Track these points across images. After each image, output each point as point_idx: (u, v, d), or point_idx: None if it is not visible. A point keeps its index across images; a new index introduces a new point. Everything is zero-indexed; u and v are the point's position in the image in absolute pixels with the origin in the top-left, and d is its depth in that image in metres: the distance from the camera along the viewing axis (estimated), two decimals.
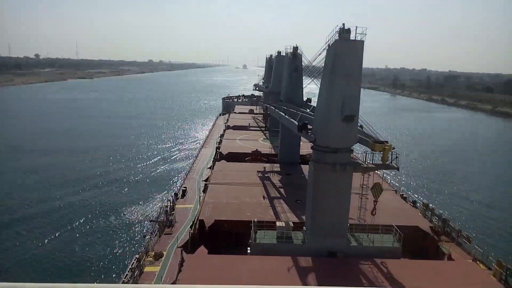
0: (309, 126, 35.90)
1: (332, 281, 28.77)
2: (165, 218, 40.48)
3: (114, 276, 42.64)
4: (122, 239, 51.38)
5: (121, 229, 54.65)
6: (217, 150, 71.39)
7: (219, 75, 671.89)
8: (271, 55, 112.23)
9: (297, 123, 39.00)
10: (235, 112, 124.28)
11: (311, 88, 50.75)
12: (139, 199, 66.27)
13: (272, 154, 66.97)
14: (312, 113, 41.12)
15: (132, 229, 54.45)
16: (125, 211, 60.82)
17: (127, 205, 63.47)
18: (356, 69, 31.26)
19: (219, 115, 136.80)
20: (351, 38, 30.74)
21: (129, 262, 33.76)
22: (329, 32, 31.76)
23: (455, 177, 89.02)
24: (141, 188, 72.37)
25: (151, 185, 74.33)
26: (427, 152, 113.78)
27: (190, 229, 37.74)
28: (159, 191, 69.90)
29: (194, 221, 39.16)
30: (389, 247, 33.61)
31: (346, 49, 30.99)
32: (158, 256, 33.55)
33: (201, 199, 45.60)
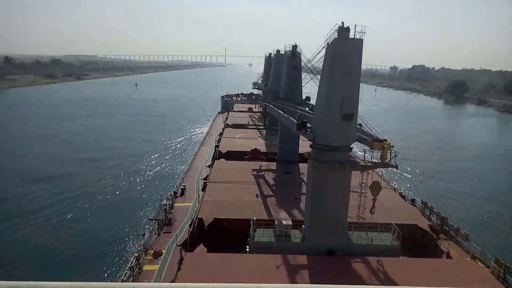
0: (308, 125, 35.91)
1: (331, 279, 28.80)
2: (164, 216, 40.48)
3: (113, 275, 42.63)
4: (121, 238, 51.34)
5: (120, 227, 54.59)
6: (216, 148, 71.36)
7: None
8: (270, 54, 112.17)
9: (296, 122, 38.99)
10: (234, 111, 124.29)
11: (310, 87, 50.76)
12: (138, 197, 66.22)
13: (271, 153, 66.97)
14: (311, 112, 41.12)
15: (131, 227, 54.41)
16: (124, 210, 60.77)
17: (126, 203, 63.42)
18: (355, 67, 31.29)
19: (218, 113, 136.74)
20: (350, 37, 30.77)
21: (128, 260, 33.77)
22: (329, 30, 31.79)
23: None
24: (140, 186, 72.32)
25: (150, 183, 74.28)
26: None
27: (189, 227, 37.75)
28: (158, 189, 69.88)
29: (193, 219, 39.17)
30: (388, 245, 33.68)
31: (345, 47, 31.00)
32: (157, 254, 33.57)
33: (200, 198, 45.62)
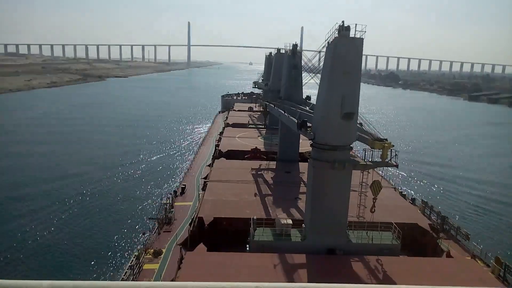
0: (309, 124, 35.89)
1: (331, 278, 28.81)
2: (164, 215, 40.49)
3: (113, 274, 42.65)
4: (121, 237, 51.34)
5: (120, 226, 54.60)
6: (216, 147, 71.35)
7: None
8: (271, 53, 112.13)
9: (296, 121, 38.99)
10: (234, 110, 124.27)
11: (310, 86, 50.75)
12: (137, 196, 66.23)
13: (271, 152, 66.95)
14: (312, 111, 41.09)
15: (131, 226, 54.42)
16: (124, 209, 60.78)
17: (125, 202, 63.43)
18: (355, 66, 31.26)
19: (218, 112, 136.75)
20: (350, 36, 30.74)
21: (129, 259, 33.79)
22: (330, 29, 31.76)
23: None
24: (140, 185, 72.32)
25: (150, 182, 74.29)
26: None
27: (189, 226, 37.76)
28: (158, 188, 69.93)
29: (193, 218, 39.18)
30: (388, 244, 33.68)
31: (345, 46, 30.97)
32: (157, 253, 33.58)
33: (200, 197, 45.62)
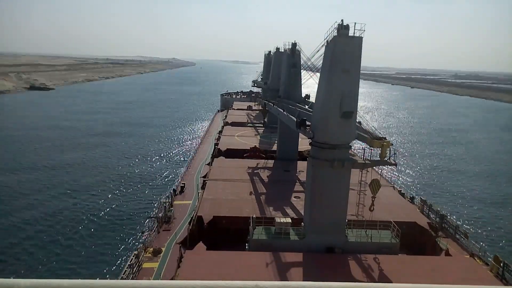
0: (308, 123, 35.93)
1: (330, 277, 28.87)
2: (163, 214, 40.52)
3: (112, 272, 42.67)
4: (121, 236, 51.38)
5: (119, 225, 54.64)
6: (216, 146, 71.34)
7: None
8: (270, 51, 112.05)
9: (295, 120, 39.02)
10: (233, 109, 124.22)
11: (309, 84, 50.76)
12: (137, 195, 66.25)
13: (271, 151, 67.00)
14: (311, 110, 41.10)
15: (130, 225, 54.45)
16: (123, 208, 60.78)
17: (125, 201, 63.44)
18: (354, 65, 31.28)
19: (218, 111, 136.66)
20: (349, 35, 30.74)
21: (128, 258, 33.81)
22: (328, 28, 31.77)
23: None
24: (139, 184, 72.32)
25: (149, 181, 74.30)
26: None
27: (189, 225, 37.79)
28: (158, 187, 69.94)
29: (192, 217, 39.21)
30: (387, 243, 33.76)
31: (344, 45, 30.98)
32: (157, 252, 33.63)
33: (199, 195, 45.65)
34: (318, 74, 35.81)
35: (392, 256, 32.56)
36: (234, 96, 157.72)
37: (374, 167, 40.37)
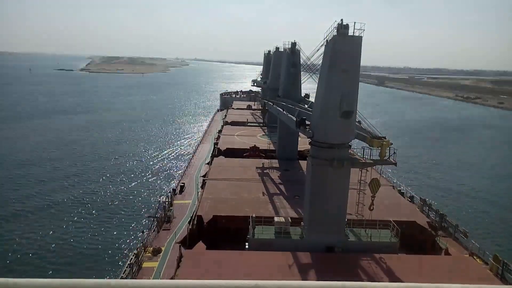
0: (307, 122, 35.90)
1: (330, 276, 28.88)
2: (163, 214, 40.54)
3: (112, 272, 42.71)
4: (120, 235, 51.42)
5: (119, 225, 54.68)
6: (215, 146, 71.29)
7: None
8: (269, 51, 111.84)
9: (295, 119, 38.98)
10: (233, 108, 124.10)
11: (309, 84, 50.73)
12: (137, 195, 66.28)
13: (270, 150, 66.95)
14: (310, 109, 41.06)
15: (130, 225, 54.49)
16: (123, 207, 60.83)
17: (125, 201, 63.49)
18: (354, 64, 31.26)
19: (217, 110, 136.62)
20: (349, 34, 30.72)
21: (128, 257, 33.83)
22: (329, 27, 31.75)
23: None
24: (139, 184, 72.34)
25: (149, 181, 74.32)
26: None
27: (188, 224, 37.79)
28: (157, 187, 69.96)
29: (192, 216, 39.20)
30: (386, 242, 33.76)
31: (344, 44, 30.96)
32: (157, 251, 33.66)
33: (199, 195, 45.63)
34: (318, 74, 35.78)
35: (391, 255, 32.54)
36: (234, 96, 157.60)
37: (374, 167, 40.38)
